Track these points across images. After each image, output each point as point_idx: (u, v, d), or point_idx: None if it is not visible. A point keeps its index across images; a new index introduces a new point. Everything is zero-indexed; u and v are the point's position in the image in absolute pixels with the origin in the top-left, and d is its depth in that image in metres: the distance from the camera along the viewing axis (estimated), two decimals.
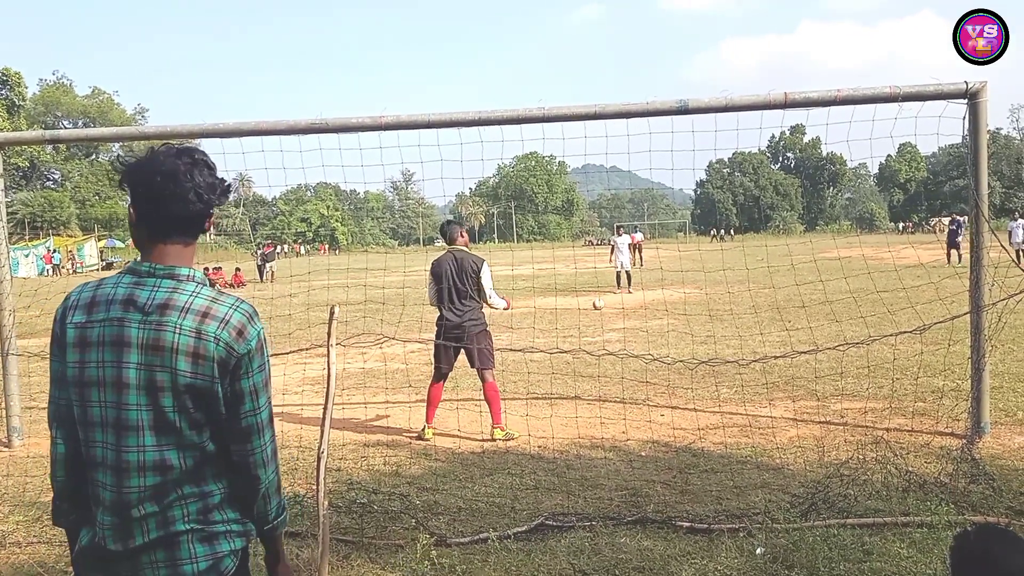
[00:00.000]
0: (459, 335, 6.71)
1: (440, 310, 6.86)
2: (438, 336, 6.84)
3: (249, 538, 2.04)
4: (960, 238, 23.85)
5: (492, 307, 6.93)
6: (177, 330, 1.83)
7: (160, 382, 1.83)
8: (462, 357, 6.95)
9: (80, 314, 1.89)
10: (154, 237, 1.91)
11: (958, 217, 26.75)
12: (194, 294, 1.88)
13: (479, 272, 6.80)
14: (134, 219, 1.92)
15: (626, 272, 20.47)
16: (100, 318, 1.86)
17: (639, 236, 38.57)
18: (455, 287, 6.78)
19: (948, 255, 23.51)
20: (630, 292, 19.57)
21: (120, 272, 1.94)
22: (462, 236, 7.08)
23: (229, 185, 1.98)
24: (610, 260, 21.17)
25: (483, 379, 6.81)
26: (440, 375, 6.93)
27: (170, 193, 1.86)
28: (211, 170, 1.93)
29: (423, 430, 6.88)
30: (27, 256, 46.52)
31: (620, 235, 21.32)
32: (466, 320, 6.72)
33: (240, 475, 1.97)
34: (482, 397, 6.94)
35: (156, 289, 1.87)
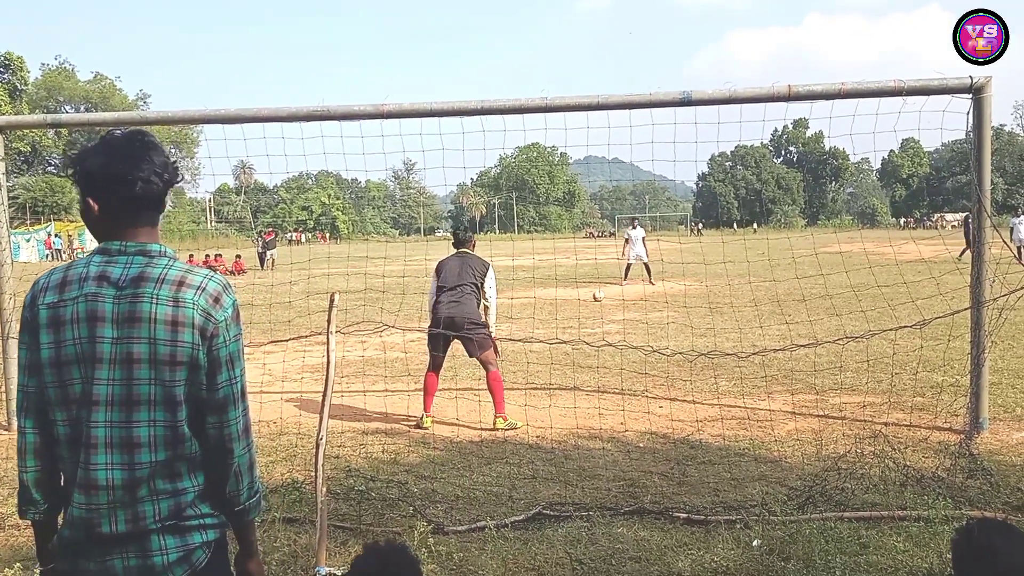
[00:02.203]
0: (451, 324, 6.72)
1: (437, 301, 6.89)
2: (432, 325, 6.87)
3: (223, 530, 2.00)
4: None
5: (487, 301, 6.97)
6: (154, 300, 1.83)
7: (137, 354, 1.82)
8: (459, 348, 6.97)
9: (52, 295, 1.87)
10: (122, 223, 1.91)
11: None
12: (168, 267, 1.89)
13: (485, 272, 6.95)
14: (96, 211, 1.90)
15: (644, 264, 20.40)
16: (73, 296, 1.85)
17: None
18: (454, 280, 6.87)
19: (964, 251, 22.86)
20: (652, 283, 19.45)
21: (91, 253, 1.93)
22: (472, 244, 7.27)
23: (176, 163, 1.99)
24: (623, 253, 21.19)
25: (486, 369, 6.84)
26: (435, 364, 6.95)
27: (133, 177, 1.87)
28: (161, 150, 1.94)
29: (421, 418, 6.90)
30: (28, 241, 46.58)
31: (635, 227, 21.26)
32: (458, 311, 6.72)
33: (213, 450, 1.94)
34: (481, 387, 6.95)
35: (129, 265, 1.87)
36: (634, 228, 21.25)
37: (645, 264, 20.41)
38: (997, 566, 1.92)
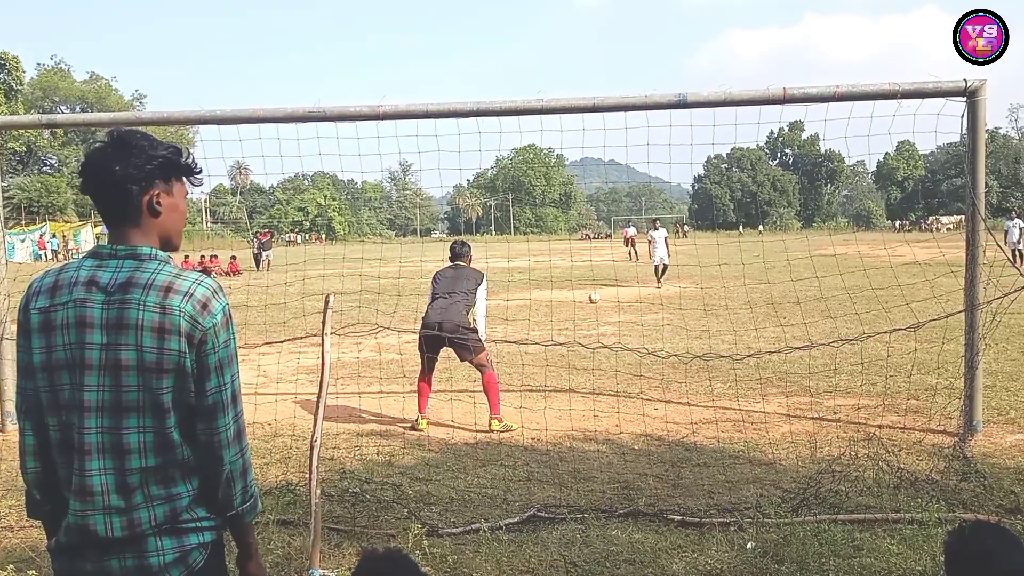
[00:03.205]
0: (440, 329, 6.71)
1: (428, 307, 6.90)
2: (421, 329, 6.87)
3: (220, 531, 2.00)
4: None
5: (476, 311, 6.97)
6: (141, 306, 1.82)
7: (124, 361, 1.82)
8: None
9: (44, 299, 1.88)
10: (110, 225, 1.93)
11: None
12: (157, 271, 1.88)
13: (479, 282, 6.98)
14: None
15: (664, 265, 20.36)
16: (63, 301, 1.85)
17: (632, 231, 38.58)
18: (447, 288, 6.92)
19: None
20: (659, 286, 19.44)
21: (83, 256, 1.93)
22: (468, 259, 7.30)
23: (169, 157, 1.92)
24: (649, 255, 21.28)
25: (480, 371, 6.84)
26: (428, 367, 6.95)
27: (97, 183, 1.89)
28: (136, 151, 1.88)
29: (417, 420, 6.89)
30: (23, 241, 46.41)
31: (657, 229, 21.21)
32: (447, 316, 6.72)
33: (204, 456, 1.92)
34: (476, 388, 6.95)
35: (119, 270, 1.87)
36: (656, 229, 21.28)
37: (664, 266, 20.41)
38: (990, 569, 1.92)
